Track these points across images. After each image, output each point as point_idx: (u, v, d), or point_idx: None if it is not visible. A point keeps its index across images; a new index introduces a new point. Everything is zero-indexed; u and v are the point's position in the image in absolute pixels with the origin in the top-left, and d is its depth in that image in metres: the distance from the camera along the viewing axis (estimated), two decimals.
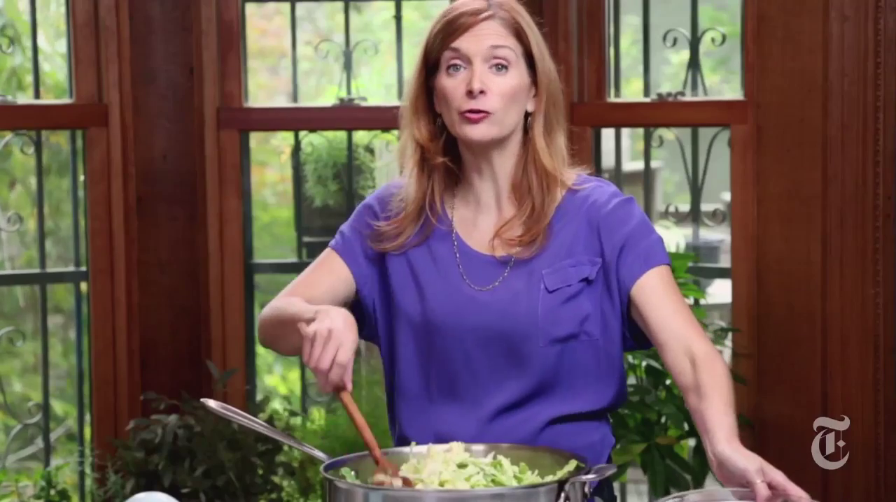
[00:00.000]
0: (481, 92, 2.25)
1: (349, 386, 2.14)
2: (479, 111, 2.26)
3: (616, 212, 2.32)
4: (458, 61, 2.27)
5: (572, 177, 2.36)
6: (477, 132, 2.27)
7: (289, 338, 2.29)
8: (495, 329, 2.29)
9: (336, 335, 2.12)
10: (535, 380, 2.29)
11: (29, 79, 4.98)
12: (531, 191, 2.32)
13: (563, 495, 1.96)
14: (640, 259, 2.28)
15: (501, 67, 2.27)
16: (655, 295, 2.27)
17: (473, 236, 2.35)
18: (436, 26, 2.31)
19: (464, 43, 2.27)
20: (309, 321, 2.16)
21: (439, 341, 2.31)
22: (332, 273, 2.38)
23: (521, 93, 2.29)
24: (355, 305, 2.39)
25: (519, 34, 2.29)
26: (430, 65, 2.31)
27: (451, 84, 2.28)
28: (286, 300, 2.36)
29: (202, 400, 2.24)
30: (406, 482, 2.09)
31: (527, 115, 2.33)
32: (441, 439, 2.23)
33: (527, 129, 2.33)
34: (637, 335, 2.34)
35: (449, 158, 2.34)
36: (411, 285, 2.34)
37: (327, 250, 2.42)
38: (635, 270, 2.28)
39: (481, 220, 2.35)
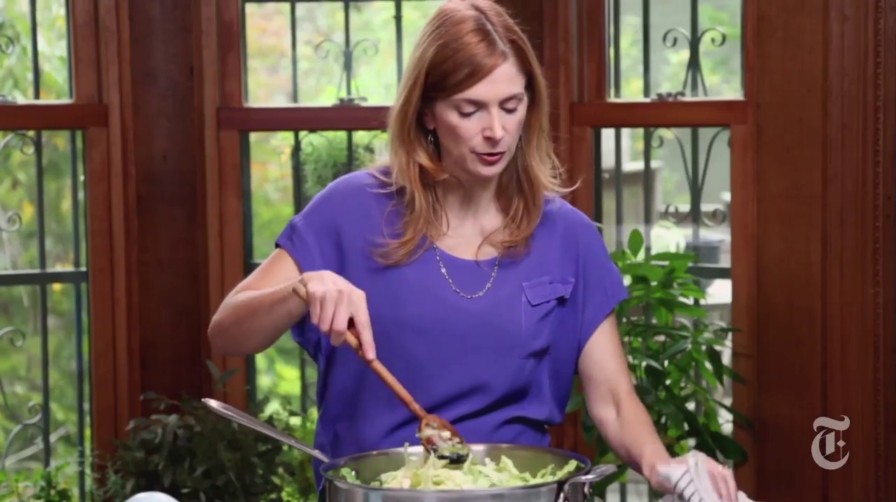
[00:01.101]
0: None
1: (371, 353, 2.11)
2: (497, 153, 2.26)
3: (591, 241, 2.39)
4: (472, 107, 2.24)
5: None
6: (493, 170, 2.27)
7: (263, 322, 2.23)
8: (478, 339, 2.29)
9: (346, 293, 2.10)
10: (504, 391, 2.31)
11: (27, 79, 4.98)
12: (522, 192, 2.33)
13: (561, 495, 1.96)
14: (603, 303, 2.37)
15: (513, 108, 2.26)
16: (603, 335, 2.38)
17: (452, 242, 2.33)
18: (440, 62, 2.24)
19: (481, 93, 2.22)
20: (303, 283, 2.12)
21: (414, 349, 2.28)
22: (283, 275, 2.31)
23: (523, 116, 2.29)
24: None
25: (525, 65, 2.26)
26: (430, 94, 2.26)
27: (466, 125, 2.24)
28: (243, 295, 2.29)
29: (203, 399, 2.23)
30: (446, 427, 2.13)
31: None
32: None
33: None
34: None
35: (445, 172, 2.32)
36: (389, 290, 2.30)
37: (277, 251, 2.35)
38: (598, 315, 2.37)
39: (460, 226, 2.34)
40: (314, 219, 2.34)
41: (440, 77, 2.24)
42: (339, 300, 2.09)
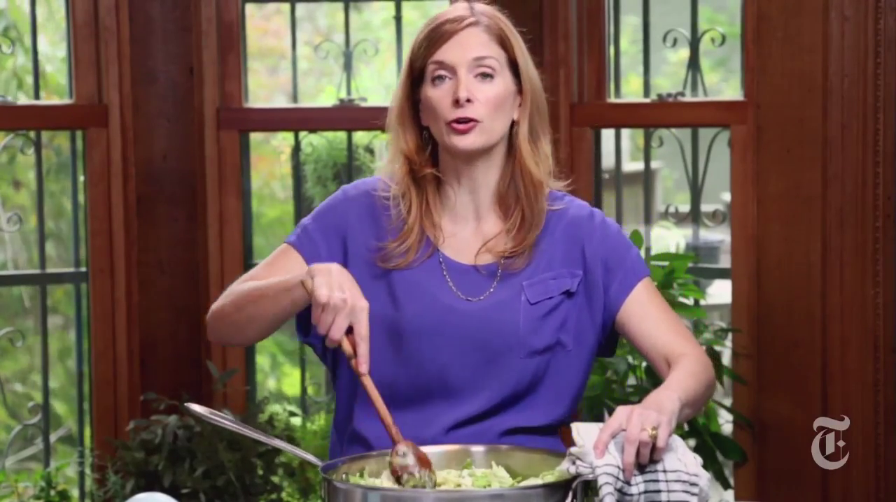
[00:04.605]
0: (468, 100, 2.25)
1: (363, 367, 2.11)
2: (466, 120, 2.25)
3: (598, 228, 2.35)
4: (443, 72, 2.27)
5: (546, 191, 2.36)
6: (465, 142, 2.27)
7: (265, 309, 2.23)
8: (476, 339, 2.28)
9: (350, 303, 2.09)
10: (507, 392, 2.29)
11: (30, 80, 4.97)
12: (519, 200, 2.32)
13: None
14: (627, 277, 2.33)
15: (486, 76, 2.27)
16: (640, 308, 2.32)
17: (452, 246, 2.33)
18: (419, 36, 2.31)
19: (448, 53, 2.26)
20: (311, 276, 2.12)
21: (415, 350, 2.28)
22: (287, 271, 2.31)
23: (507, 100, 2.29)
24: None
25: (503, 41, 2.29)
26: (416, 76, 2.31)
27: (438, 94, 2.27)
28: (247, 284, 2.29)
29: (186, 404, 2.21)
30: (418, 456, 2.09)
31: (512, 124, 2.32)
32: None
33: (512, 139, 2.32)
34: (610, 344, 2.38)
35: (436, 169, 2.33)
36: (391, 294, 2.30)
37: (284, 246, 2.36)
38: (624, 289, 2.32)
39: (459, 231, 2.34)
40: (323, 221, 2.36)
41: (418, 50, 2.29)
42: (342, 309, 2.09)
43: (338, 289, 2.10)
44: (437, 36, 2.27)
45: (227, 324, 2.32)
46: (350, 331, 2.11)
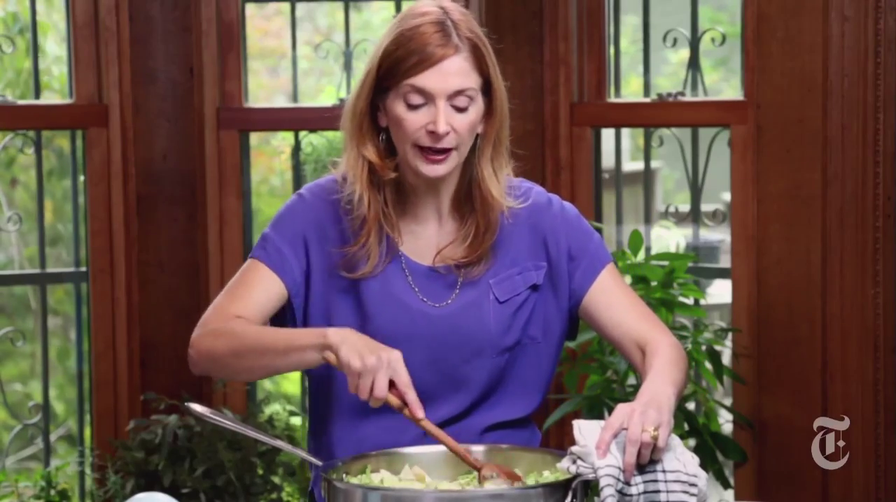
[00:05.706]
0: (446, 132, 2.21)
1: (420, 412, 2.08)
2: (443, 150, 2.22)
3: (559, 216, 2.34)
4: (419, 98, 2.21)
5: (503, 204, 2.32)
6: (438, 170, 2.23)
7: (271, 364, 2.20)
8: (449, 344, 2.27)
9: (385, 360, 2.06)
10: (479, 391, 2.30)
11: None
12: (475, 211, 2.29)
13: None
14: (590, 265, 2.32)
15: (463, 108, 2.22)
16: (606, 296, 2.32)
17: (413, 246, 2.31)
18: (393, 49, 2.21)
19: (428, 82, 2.19)
20: (332, 351, 2.10)
21: None
22: (262, 287, 2.29)
23: (478, 122, 2.26)
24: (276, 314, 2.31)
25: (481, 67, 2.23)
26: (383, 86, 2.24)
27: (412, 118, 2.21)
28: (241, 327, 2.24)
29: (186, 403, 2.20)
30: (504, 472, 2.07)
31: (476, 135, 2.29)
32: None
33: (473, 148, 2.28)
34: (572, 329, 2.38)
35: (398, 173, 2.29)
36: (359, 305, 2.28)
37: (251, 261, 2.31)
38: (588, 277, 2.32)
39: (421, 230, 2.32)
40: (284, 229, 2.31)
41: (392, 64, 2.21)
42: (380, 368, 2.06)
43: (367, 351, 2.07)
44: (416, 60, 2.19)
45: (220, 366, 2.27)
46: (391, 384, 2.08)
